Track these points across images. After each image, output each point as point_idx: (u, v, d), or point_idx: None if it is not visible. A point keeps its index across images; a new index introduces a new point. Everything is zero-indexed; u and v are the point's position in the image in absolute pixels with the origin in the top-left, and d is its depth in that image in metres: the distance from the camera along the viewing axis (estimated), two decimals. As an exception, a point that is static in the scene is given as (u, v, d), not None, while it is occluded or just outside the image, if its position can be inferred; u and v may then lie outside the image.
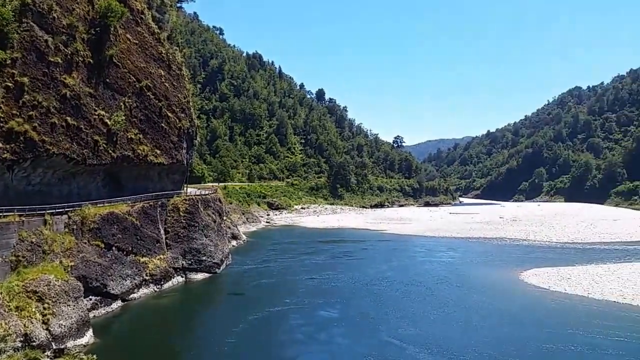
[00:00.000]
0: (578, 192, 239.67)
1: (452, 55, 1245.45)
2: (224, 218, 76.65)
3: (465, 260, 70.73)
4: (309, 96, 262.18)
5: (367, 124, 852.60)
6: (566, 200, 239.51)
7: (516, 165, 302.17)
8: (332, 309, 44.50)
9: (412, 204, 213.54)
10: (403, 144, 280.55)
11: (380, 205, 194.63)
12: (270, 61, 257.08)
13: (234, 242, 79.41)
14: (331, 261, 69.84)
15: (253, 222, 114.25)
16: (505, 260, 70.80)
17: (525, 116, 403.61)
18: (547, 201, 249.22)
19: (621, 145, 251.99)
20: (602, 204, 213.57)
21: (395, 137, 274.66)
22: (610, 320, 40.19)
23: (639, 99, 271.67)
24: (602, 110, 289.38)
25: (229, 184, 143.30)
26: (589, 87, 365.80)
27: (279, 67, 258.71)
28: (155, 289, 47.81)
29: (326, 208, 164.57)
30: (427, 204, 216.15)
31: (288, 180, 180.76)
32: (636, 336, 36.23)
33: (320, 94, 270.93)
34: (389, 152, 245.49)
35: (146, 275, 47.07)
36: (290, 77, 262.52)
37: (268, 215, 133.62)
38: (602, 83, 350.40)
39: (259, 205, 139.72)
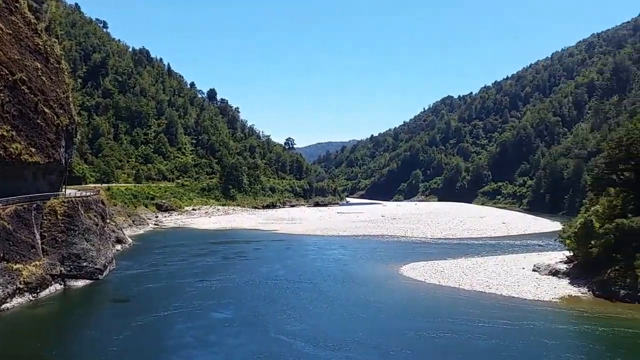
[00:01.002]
0: (450, 192, 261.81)
1: (341, 61, 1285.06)
2: (108, 221, 72.86)
3: (351, 257, 74.39)
4: (200, 95, 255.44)
5: (259, 125, 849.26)
6: (439, 200, 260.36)
7: (396, 167, 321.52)
8: (224, 310, 44.68)
9: (302, 204, 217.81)
10: (294, 145, 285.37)
11: (272, 205, 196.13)
12: (158, 58, 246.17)
13: (118, 246, 75.71)
14: (223, 262, 69.61)
15: (140, 224, 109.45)
16: (387, 255, 75.68)
17: (404, 122, 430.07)
18: (423, 200, 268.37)
19: (487, 150, 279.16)
20: (470, 202, 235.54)
21: (286, 139, 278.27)
22: (477, 308, 45.00)
23: (502, 108, 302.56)
24: (470, 117, 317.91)
25: (114, 185, 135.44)
26: (459, 96, 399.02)
27: (168, 64, 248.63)
28: (31, 298, 44.44)
29: (218, 209, 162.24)
30: (317, 204, 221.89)
31: (178, 181, 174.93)
32: (497, 321, 41.17)
33: (212, 94, 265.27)
34: (280, 154, 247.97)
35: (20, 284, 43.56)
36: (180, 76, 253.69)
37: (157, 217, 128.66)
38: (471, 93, 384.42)
39: (146, 207, 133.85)
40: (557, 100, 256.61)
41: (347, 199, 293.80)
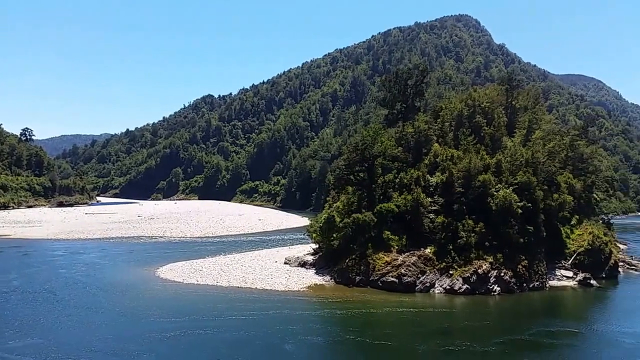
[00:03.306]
0: (210, 190, 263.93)
1: (95, 43, 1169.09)
2: None
3: (102, 262, 68.30)
4: None
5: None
6: (200, 198, 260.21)
7: (155, 164, 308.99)
8: None
9: (43, 205, 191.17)
10: (33, 137, 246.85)
11: (4, 206, 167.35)
12: None
13: None
14: None
15: None
16: (143, 258, 71.73)
17: (164, 117, 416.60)
18: (183, 199, 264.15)
19: (245, 150, 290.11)
20: (230, 200, 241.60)
21: (23, 129, 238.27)
22: (231, 303, 46.28)
23: (259, 111, 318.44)
24: (230, 117, 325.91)
25: None
26: (219, 95, 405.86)
27: None
28: None
29: None
30: (61, 204, 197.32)
31: None
32: (249, 313, 42.99)
33: None
34: (15, 146, 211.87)
35: None
36: None
37: None
38: (230, 94, 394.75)
39: None
40: (306, 106, 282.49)
41: (98, 198, 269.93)
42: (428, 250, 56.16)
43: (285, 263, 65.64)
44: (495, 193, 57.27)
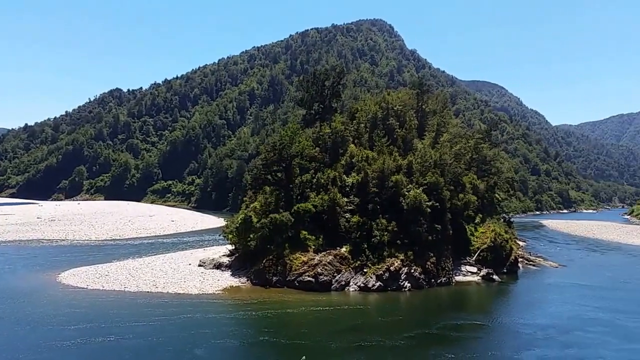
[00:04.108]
0: (118, 190, 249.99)
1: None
2: None
3: (-6, 269, 62.42)
4: None
5: None
6: (106, 199, 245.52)
7: (56, 162, 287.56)
8: None
9: None
10: None
11: None
12: None
13: None
14: None
15: None
16: (44, 262, 66.56)
17: (66, 112, 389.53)
18: (87, 200, 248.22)
19: (157, 148, 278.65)
20: (140, 201, 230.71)
21: None
22: (140, 309, 44.30)
23: (172, 107, 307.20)
24: (141, 113, 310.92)
25: None
26: (129, 90, 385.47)
27: None
28: None
29: None
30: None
31: None
32: (158, 319, 41.35)
33: None
34: None
35: None
36: None
37: None
38: (141, 88, 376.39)
39: None
40: (223, 104, 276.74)
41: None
42: (344, 250, 57.05)
43: (200, 265, 63.79)
44: (406, 193, 59.40)
